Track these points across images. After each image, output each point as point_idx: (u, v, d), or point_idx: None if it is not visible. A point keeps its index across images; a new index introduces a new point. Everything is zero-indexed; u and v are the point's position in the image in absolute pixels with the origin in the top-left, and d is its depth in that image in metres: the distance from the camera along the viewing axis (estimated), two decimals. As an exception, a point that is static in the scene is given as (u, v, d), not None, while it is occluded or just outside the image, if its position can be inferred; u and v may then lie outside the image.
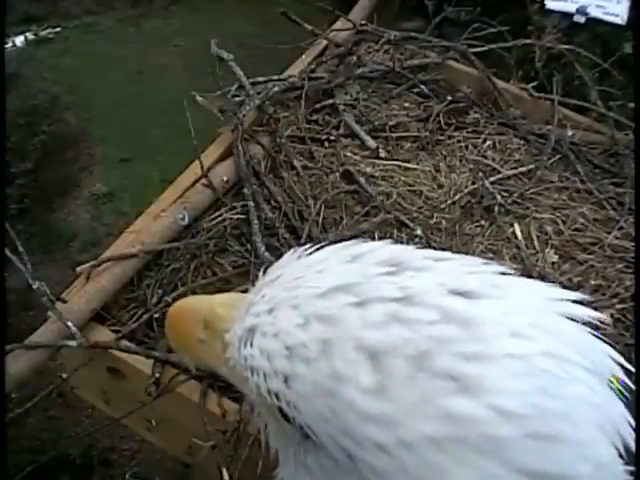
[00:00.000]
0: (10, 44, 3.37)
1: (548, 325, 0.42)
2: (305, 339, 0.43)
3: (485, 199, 1.59)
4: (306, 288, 0.46)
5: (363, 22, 2.06)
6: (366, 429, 0.39)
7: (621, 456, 0.41)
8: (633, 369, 0.44)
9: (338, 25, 2.04)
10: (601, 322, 0.44)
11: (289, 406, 0.43)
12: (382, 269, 0.45)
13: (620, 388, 0.42)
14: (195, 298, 0.61)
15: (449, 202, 1.57)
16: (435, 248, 0.70)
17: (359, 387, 0.39)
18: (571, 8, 2.09)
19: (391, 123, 1.76)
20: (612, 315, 1.35)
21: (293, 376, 0.43)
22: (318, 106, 1.78)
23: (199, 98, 1.55)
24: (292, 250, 0.52)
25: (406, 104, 1.87)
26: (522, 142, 1.80)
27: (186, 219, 1.38)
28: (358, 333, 0.41)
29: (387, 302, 0.42)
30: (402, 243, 0.50)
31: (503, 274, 0.47)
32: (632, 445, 0.42)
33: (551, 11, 2.16)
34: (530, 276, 1.26)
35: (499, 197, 1.58)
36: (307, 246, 0.52)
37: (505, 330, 0.40)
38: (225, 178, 1.48)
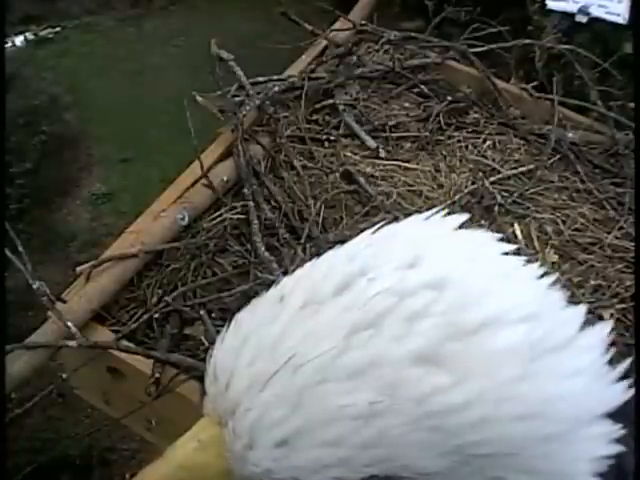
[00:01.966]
0: (10, 44, 3.36)
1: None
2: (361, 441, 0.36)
3: (485, 199, 1.58)
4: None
5: (363, 22, 2.06)
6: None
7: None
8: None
9: (338, 25, 2.04)
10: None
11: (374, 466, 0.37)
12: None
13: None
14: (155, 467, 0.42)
15: (449, 202, 1.57)
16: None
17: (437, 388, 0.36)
18: (573, 8, 2.09)
19: (391, 123, 1.76)
20: (612, 315, 1.35)
21: (375, 462, 0.37)
22: (318, 106, 1.78)
23: (199, 98, 1.55)
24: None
25: (406, 104, 1.87)
26: (522, 142, 1.80)
27: (186, 219, 1.38)
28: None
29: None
30: None
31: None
32: None
33: (552, 11, 2.16)
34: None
35: (499, 197, 1.58)
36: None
37: None
38: (225, 178, 1.48)
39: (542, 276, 0.41)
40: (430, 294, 0.37)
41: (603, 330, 0.41)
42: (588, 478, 0.40)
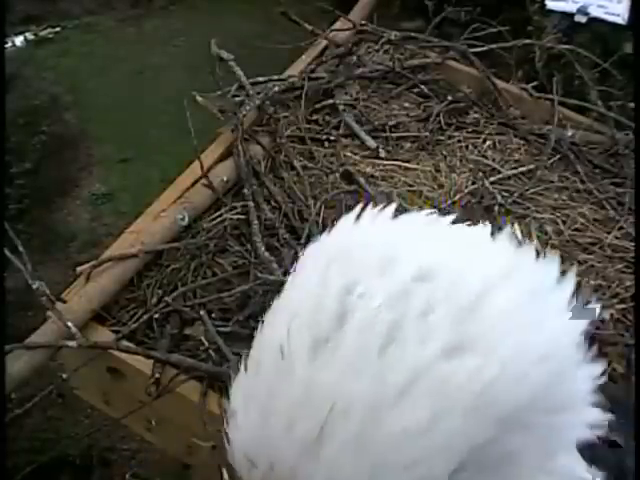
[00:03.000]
0: (10, 44, 3.36)
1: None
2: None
3: (485, 199, 1.58)
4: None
5: (363, 22, 2.06)
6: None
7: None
8: None
9: (338, 25, 2.04)
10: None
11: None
12: None
13: None
14: None
15: (449, 202, 1.57)
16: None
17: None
18: (572, 8, 2.09)
19: (391, 123, 1.76)
20: (612, 315, 1.35)
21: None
22: (318, 106, 1.78)
23: (199, 98, 1.55)
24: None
25: (406, 104, 1.87)
26: (522, 142, 1.80)
27: (186, 219, 1.38)
28: None
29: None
30: None
31: None
32: None
33: (551, 11, 2.16)
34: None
35: (499, 197, 1.58)
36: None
37: None
38: (225, 178, 1.48)
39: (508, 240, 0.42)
40: (425, 287, 0.37)
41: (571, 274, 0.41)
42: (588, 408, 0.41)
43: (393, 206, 0.44)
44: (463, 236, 0.43)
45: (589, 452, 0.42)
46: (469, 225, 0.44)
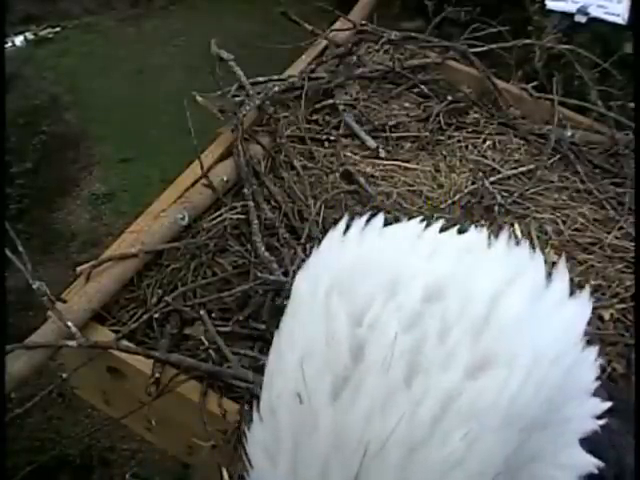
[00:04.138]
0: (10, 44, 3.36)
1: None
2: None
3: (485, 199, 1.58)
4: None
5: (363, 22, 2.06)
6: None
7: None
8: None
9: (338, 25, 2.04)
10: None
11: None
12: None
13: None
14: None
15: (449, 202, 1.57)
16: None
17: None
18: (572, 8, 2.08)
19: (391, 123, 1.76)
20: (612, 315, 1.35)
21: None
22: (318, 106, 1.78)
23: (199, 98, 1.55)
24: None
25: (406, 104, 1.87)
26: (522, 142, 1.80)
27: (186, 219, 1.38)
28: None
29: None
30: None
31: None
32: None
33: (551, 11, 2.16)
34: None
35: (499, 197, 1.58)
36: None
37: None
38: (225, 178, 1.48)
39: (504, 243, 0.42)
40: (437, 307, 0.36)
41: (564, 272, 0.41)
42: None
43: (379, 219, 0.43)
44: (458, 245, 0.42)
45: (588, 448, 0.42)
46: (459, 230, 0.43)
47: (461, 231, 0.44)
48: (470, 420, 0.34)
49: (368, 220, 0.43)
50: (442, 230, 0.43)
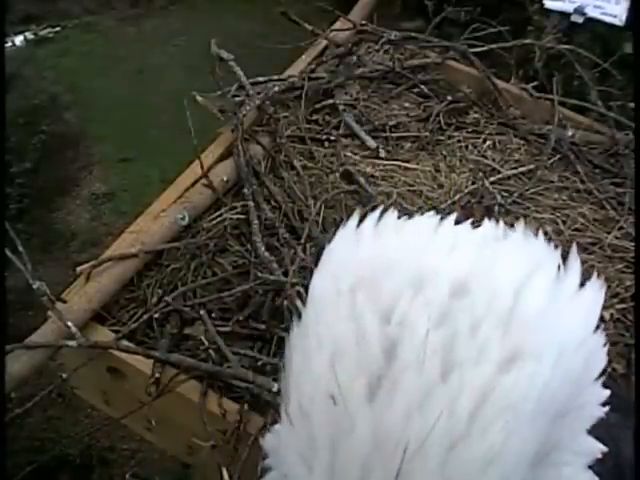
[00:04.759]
0: (10, 44, 3.36)
1: None
2: None
3: (485, 199, 1.59)
4: None
5: (363, 22, 2.06)
6: None
7: None
8: None
9: (338, 25, 2.04)
10: None
11: None
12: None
13: None
14: None
15: (449, 202, 1.57)
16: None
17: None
18: (569, 8, 2.08)
19: (391, 123, 1.76)
20: (612, 315, 1.35)
21: None
22: (318, 106, 1.78)
23: (199, 98, 1.55)
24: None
25: (406, 104, 1.87)
26: (522, 142, 1.80)
27: (186, 219, 1.38)
28: None
29: None
30: None
31: None
32: None
33: (550, 11, 2.16)
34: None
35: (499, 197, 1.58)
36: None
37: None
38: (225, 178, 1.48)
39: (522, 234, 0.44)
40: (465, 302, 0.36)
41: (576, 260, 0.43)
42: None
43: (392, 214, 0.43)
44: (476, 238, 0.42)
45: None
46: (472, 224, 0.44)
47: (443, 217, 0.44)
48: (506, 413, 0.34)
49: (380, 215, 0.43)
50: (456, 223, 0.43)
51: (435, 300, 0.36)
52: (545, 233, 1.57)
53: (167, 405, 1.15)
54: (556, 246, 0.43)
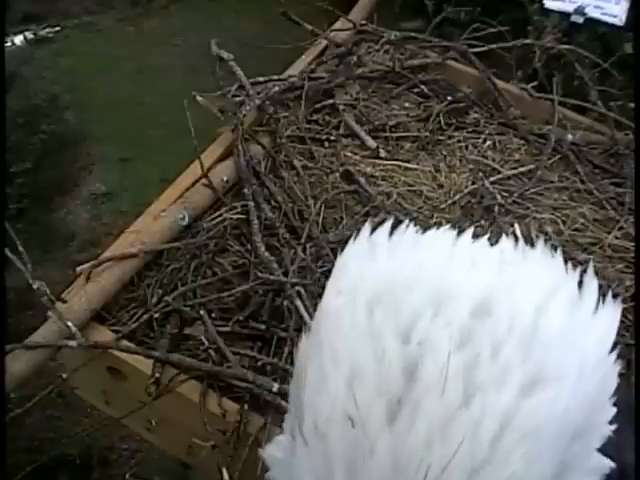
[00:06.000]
0: (9, 43, 3.36)
1: None
2: None
3: (485, 199, 1.58)
4: None
5: (363, 22, 2.06)
6: None
7: None
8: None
9: (338, 25, 2.04)
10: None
11: None
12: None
13: None
14: None
15: (449, 202, 1.57)
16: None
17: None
18: (569, 8, 2.08)
19: (391, 123, 1.76)
20: (612, 315, 1.35)
21: None
22: (318, 106, 1.78)
23: (199, 98, 1.55)
24: None
25: (406, 104, 1.87)
26: (522, 142, 1.80)
27: (186, 219, 1.38)
28: None
29: None
30: None
31: None
32: None
33: (550, 11, 2.16)
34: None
35: (499, 197, 1.58)
36: None
37: None
38: (225, 178, 1.48)
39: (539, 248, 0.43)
40: (487, 323, 0.36)
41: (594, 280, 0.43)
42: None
43: (409, 227, 0.42)
44: (496, 255, 0.41)
45: None
46: (489, 240, 0.43)
47: (461, 231, 0.43)
48: (528, 438, 0.33)
49: (393, 227, 0.42)
50: (473, 237, 0.42)
51: (456, 320, 0.35)
52: (545, 233, 1.57)
53: (167, 405, 1.15)
54: (570, 265, 0.43)
